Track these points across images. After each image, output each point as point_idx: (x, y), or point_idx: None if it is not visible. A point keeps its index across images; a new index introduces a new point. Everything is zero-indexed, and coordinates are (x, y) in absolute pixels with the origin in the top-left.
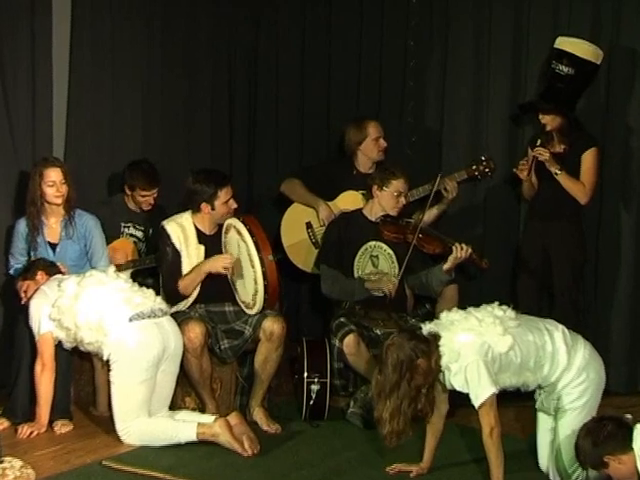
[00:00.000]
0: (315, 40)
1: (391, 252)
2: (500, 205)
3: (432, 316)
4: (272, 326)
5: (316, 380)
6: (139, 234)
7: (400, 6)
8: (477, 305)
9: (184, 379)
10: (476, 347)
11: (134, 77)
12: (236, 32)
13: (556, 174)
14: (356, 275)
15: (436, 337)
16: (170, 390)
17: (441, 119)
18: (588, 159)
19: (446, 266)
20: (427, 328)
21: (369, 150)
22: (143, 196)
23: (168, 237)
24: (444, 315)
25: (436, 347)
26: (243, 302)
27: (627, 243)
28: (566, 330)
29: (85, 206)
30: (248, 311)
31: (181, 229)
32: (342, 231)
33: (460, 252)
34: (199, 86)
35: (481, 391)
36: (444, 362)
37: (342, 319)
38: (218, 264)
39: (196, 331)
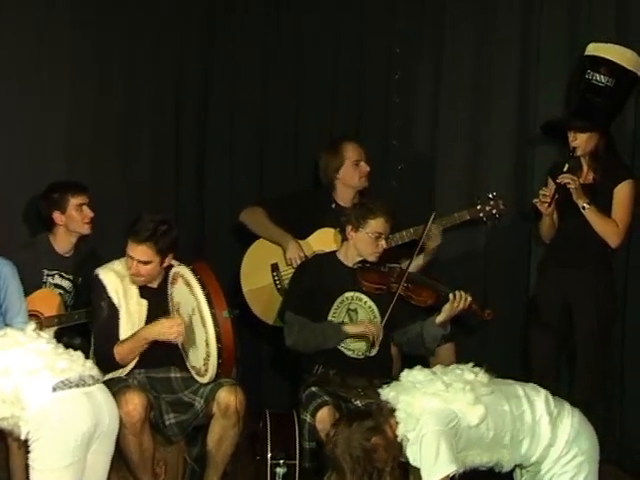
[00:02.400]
0: (281, 44)
1: (372, 305)
2: (506, 247)
3: None
4: (228, 398)
5: (282, 462)
6: (66, 284)
7: (384, 5)
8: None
9: (120, 461)
10: (440, 415)
11: (57, 92)
12: (187, 34)
13: (584, 208)
14: None
15: (384, 403)
16: (103, 475)
17: (434, 142)
18: (622, 193)
19: (440, 318)
20: (385, 393)
21: (348, 177)
22: (80, 205)
23: (104, 289)
24: (404, 375)
25: (389, 413)
26: (193, 367)
27: None
28: (550, 396)
29: None
30: (199, 379)
31: (120, 279)
32: (314, 277)
33: (458, 301)
34: (139, 101)
35: (437, 469)
36: (401, 431)
37: (314, 388)
38: (164, 331)
39: (135, 402)
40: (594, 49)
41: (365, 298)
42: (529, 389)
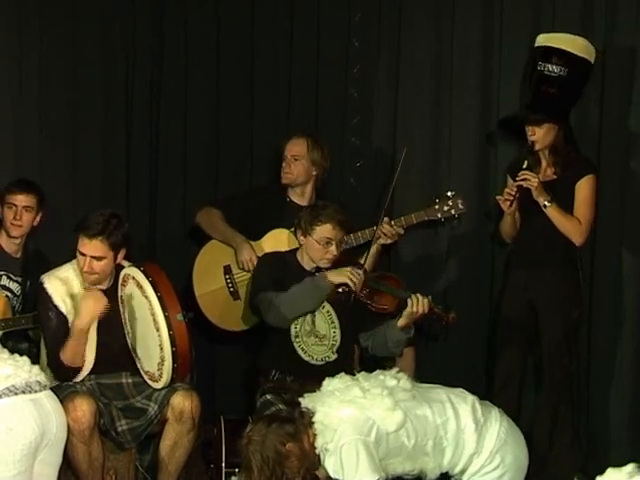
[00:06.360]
0: (233, 39)
1: (331, 310)
2: (468, 247)
3: None
4: (183, 403)
5: (237, 470)
6: (14, 286)
7: None
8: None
9: (68, 471)
10: (357, 424)
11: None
12: (135, 31)
13: (545, 206)
14: (292, 333)
15: (306, 412)
16: None
17: (393, 139)
18: (584, 189)
19: (401, 322)
20: (305, 402)
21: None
22: (10, 205)
23: (50, 299)
24: (325, 384)
25: (309, 423)
26: (147, 373)
27: (630, 296)
28: (477, 403)
29: None
30: (153, 384)
31: (65, 287)
32: (277, 270)
33: (417, 305)
34: (88, 99)
35: (358, 479)
36: (320, 443)
37: (269, 396)
38: (90, 311)
39: (83, 409)
40: (544, 40)
41: (324, 302)
42: (455, 395)
